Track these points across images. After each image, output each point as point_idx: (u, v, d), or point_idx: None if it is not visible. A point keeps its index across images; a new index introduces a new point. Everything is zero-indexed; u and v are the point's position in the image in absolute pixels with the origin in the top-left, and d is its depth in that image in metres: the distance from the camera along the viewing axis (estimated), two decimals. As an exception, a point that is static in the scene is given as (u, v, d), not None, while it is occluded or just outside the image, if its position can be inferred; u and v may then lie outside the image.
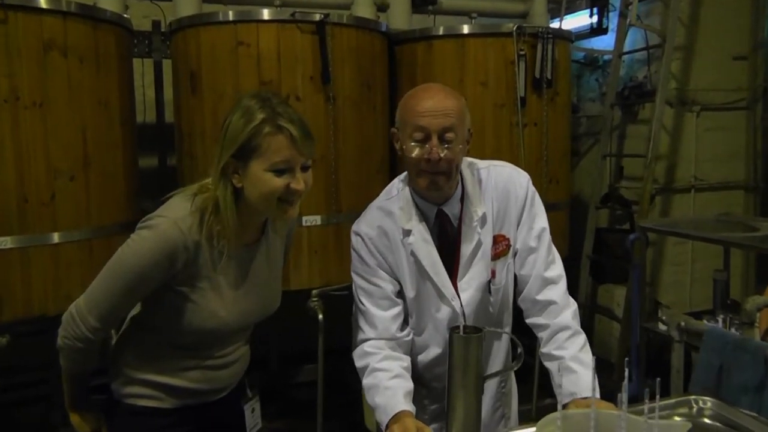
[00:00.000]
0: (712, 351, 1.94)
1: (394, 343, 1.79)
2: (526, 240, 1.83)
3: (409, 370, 1.78)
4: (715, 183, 4.38)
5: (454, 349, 1.40)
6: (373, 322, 1.79)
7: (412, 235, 1.76)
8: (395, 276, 1.81)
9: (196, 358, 1.67)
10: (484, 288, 1.82)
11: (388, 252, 1.80)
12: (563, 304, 1.81)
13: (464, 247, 1.78)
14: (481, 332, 1.40)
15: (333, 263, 3.17)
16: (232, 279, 1.64)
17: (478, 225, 1.77)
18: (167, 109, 3.80)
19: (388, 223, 1.79)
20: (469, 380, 1.40)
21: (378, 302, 1.80)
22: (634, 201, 4.36)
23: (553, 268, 1.83)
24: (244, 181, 1.53)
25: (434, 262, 1.77)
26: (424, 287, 1.80)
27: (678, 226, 3.45)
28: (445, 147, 1.66)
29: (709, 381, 1.94)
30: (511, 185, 1.83)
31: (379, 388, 1.69)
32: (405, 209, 1.78)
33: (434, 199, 1.77)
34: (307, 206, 3.04)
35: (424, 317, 1.83)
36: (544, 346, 1.81)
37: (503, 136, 3.55)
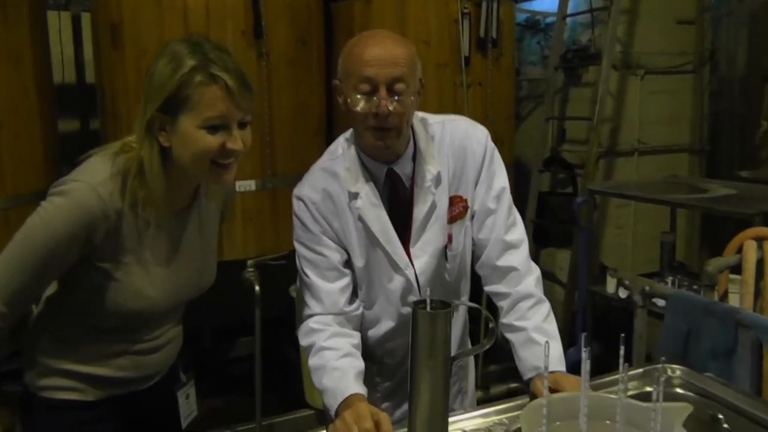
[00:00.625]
0: (679, 316, 1.86)
1: (342, 318, 1.63)
2: (484, 201, 1.68)
3: (359, 347, 1.63)
4: (658, 146, 4.36)
5: (419, 326, 1.24)
6: (318, 295, 1.63)
7: (360, 198, 1.60)
8: (342, 244, 1.65)
9: (122, 343, 1.48)
10: (440, 254, 1.67)
11: (333, 218, 1.63)
12: (525, 270, 1.68)
13: (417, 210, 1.63)
14: (449, 307, 1.25)
15: (269, 231, 2.98)
16: (160, 252, 1.44)
17: (432, 185, 1.62)
18: (88, 69, 3.51)
19: (333, 185, 1.62)
20: (436, 361, 1.24)
21: (324, 273, 1.64)
22: (577, 164, 4.31)
23: (514, 231, 1.70)
24: (173, 140, 1.33)
25: (384, 228, 1.62)
26: (374, 255, 1.64)
27: (626, 188, 3.39)
28: (395, 99, 1.50)
29: (676, 347, 1.86)
30: (468, 141, 1.67)
31: (327, 369, 1.54)
32: (351, 170, 1.61)
33: (383, 158, 1.61)
34: (241, 171, 2.72)
35: (375, 288, 1.68)
36: (504, 316, 1.68)
37: (446, 96, 3.41)
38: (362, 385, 1.53)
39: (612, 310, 3.70)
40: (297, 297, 1.70)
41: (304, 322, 1.65)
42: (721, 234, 3.65)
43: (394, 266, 1.64)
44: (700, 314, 1.81)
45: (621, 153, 4.35)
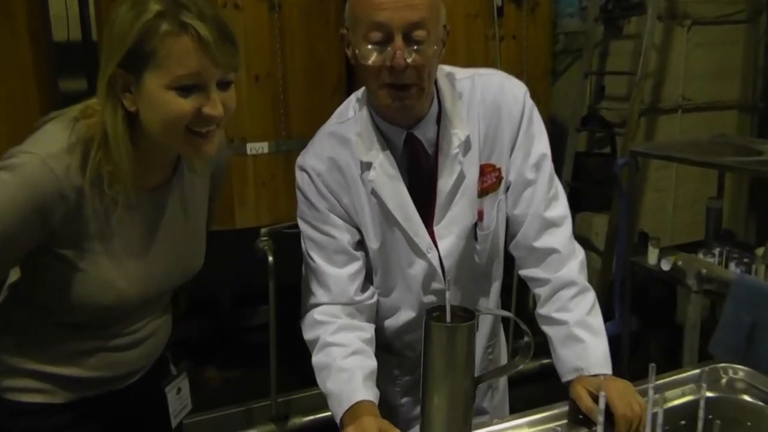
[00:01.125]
0: (743, 306, 1.59)
1: (352, 308, 1.41)
2: (521, 170, 1.43)
3: (371, 342, 1.41)
4: (703, 103, 4.03)
5: (434, 342, 1.00)
6: (326, 282, 1.40)
7: (374, 168, 1.36)
8: (353, 223, 1.41)
9: (95, 340, 1.26)
10: (469, 234, 1.43)
11: (342, 192, 1.39)
12: (568, 253, 1.43)
13: (442, 182, 1.38)
14: (473, 318, 1.00)
15: (283, 197, 2.74)
16: (133, 237, 1.21)
17: (460, 152, 1.37)
18: (93, 26, 3.25)
19: (343, 153, 1.38)
20: (455, 385, 1.01)
21: (332, 257, 1.40)
22: (616, 123, 4.01)
23: (555, 206, 1.44)
24: (139, 103, 1.09)
25: (403, 204, 1.38)
26: (391, 236, 1.40)
27: (671, 149, 3.08)
28: (414, 50, 1.24)
29: (737, 342, 1.59)
30: (503, 98, 1.41)
31: (332, 370, 1.32)
32: (364, 135, 1.37)
33: (402, 121, 1.36)
34: (253, 132, 2.63)
35: (393, 274, 1.44)
36: (542, 306, 1.45)
37: (477, 50, 3.11)
38: (372, 389, 1.31)
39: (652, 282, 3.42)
40: (302, 283, 1.45)
41: (308, 312, 1.43)
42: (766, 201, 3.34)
43: (415, 249, 1.41)
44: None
45: (663, 110, 4.03)
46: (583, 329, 1.38)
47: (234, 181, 2.63)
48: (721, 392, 1.48)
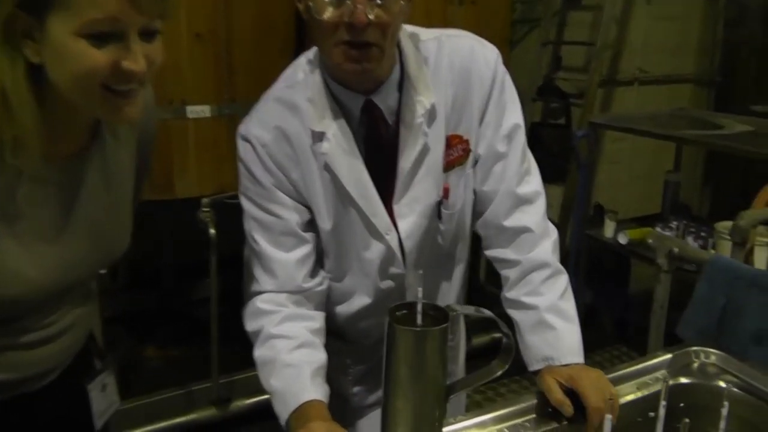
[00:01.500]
0: (716, 287, 1.49)
1: (300, 296, 1.26)
2: (492, 142, 1.28)
3: (321, 333, 1.26)
4: (661, 76, 3.96)
5: (399, 347, 0.85)
6: (271, 268, 1.24)
7: (327, 140, 1.19)
8: (303, 201, 1.25)
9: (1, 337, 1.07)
10: (432, 212, 1.28)
11: (291, 165, 1.22)
12: (541, 233, 1.30)
13: (404, 156, 1.23)
14: (446, 320, 0.85)
15: (227, 165, 2.49)
16: (45, 217, 1.00)
17: (424, 122, 1.21)
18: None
19: (291, 122, 1.21)
20: (425, 396, 0.86)
21: (278, 240, 1.24)
22: (573, 93, 3.92)
23: (529, 181, 1.31)
24: (44, 54, 0.88)
25: (360, 180, 1.22)
26: (345, 216, 1.24)
27: (631, 121, 2.98)
28: (377, 4, 1.08)
29: (708, 324, 1.49)
30: (474, 63, 1.25)
31: (276, 365, 1.17)
32: (316, 102, 1.20)
33: (360, 86, 1.19)
34: (193, 94, 2.42)
35: (347, 257, 1.29)
36: (510, 289, 1.31)
37: (435, 13, 2.95)
38: (322, 386, 1.17)
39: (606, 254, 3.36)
40: (244, 267, 1.28)
41: (250, 300, 1.27)
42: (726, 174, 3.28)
43: (372, 230, 1.25)
44: (745, 286, 1.43)
45: (620, 83, 3.96)
46: (555, 315, 1.26)
47: (173, 147, 2.43)
48: (695, 378, 1.39)
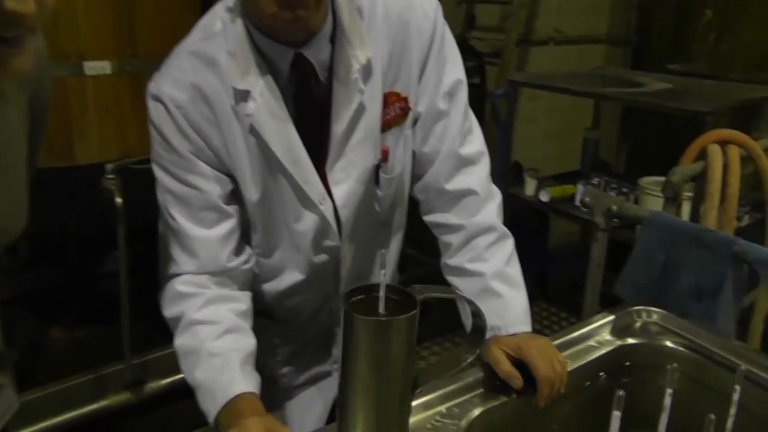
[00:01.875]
0: (654, 244, 1.43)
1: (224, 277, 1.11)
2: (433, 99, 1.15)
3: (248, 315, 1.12)
4: (575, 36, 3.91)
5: (359, 339, 0.72)
6: (190, 247, 1.09)
7: (252, 99, 1.03)
8: (225, 169, 1.09)
9: None
10: (370, 177, 1.15)
11: (211, 129, 1.06)
12: (485, 195, 1.20)
13: (338, 115, 1.08)
14: (414, 306, 0.72)
15: (131, 127, 2.31)
16: None
17: (359, 78, 1.07)
18: None
19: (210, 79, 1.05)
20: (389, 393, 0.74)
21: (198, 215, 1.09)
22: (487, 53, 3.80)
23: (471, 141, 1.19)
24: None
25: (290, 143, 1.07)
26: (274, 184, 1.10)
27: (552, 79, 2.92)
28: None
29: (647, 282, 1.44)
30: (412, 14, 1.11)
31: (201, 355, 1.03)
32: (238, 56, 1.03)
33: (290, 37, 1.03)
34: (91, 48, 2.16)
35: (277, 230, 1.15)
36: (452, 256, 1.21)
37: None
38: (253, 375, 1.04)
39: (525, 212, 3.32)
40: (159, 246, 1.11)
41: (168, 283, 1.11)
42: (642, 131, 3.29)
43: (304, 199, 1.11)
44: (685, 242, 1.38)
45: (535, 42, 3.85)
46: (501, 282, 1.17)
47: (71, 108, 2.17)
48: (639, 338, 1.33)
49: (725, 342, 1.28)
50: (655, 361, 1.31)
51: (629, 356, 1.32)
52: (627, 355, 1.32)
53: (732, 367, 1.22)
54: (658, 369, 1.32)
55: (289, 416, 1.35)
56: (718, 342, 1.28)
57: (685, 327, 1.33)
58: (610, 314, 1.38)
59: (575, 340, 1.31)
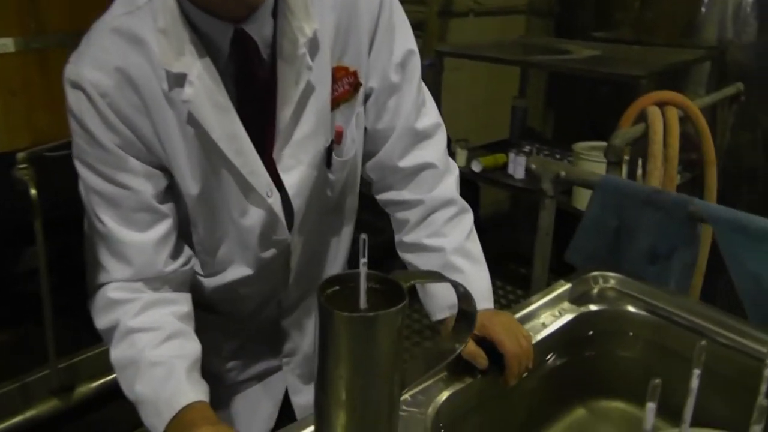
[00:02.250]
0: (607, 208, 1.39)
1: (161, 281, 0.99)
2: (385, 72, 1.05)
3: (190, 317, 1.01)
4: (494, 8, 3.87)
5: (339, 339, 0.61)
6: (123, 253, 0.96)
7: (189, 83, 0.90)
8: (159, 162, 0.96)
9: None
10: (321, 161, 1.04)
11: (141, 119, 0.93)
12: (444, 168, 1.12)
13: (285, 96, 0.96)
14: (402, 298, 0.62)
15: (42, 111, 2.10)
16: None
17: (306, 53, 0.95)
18: None
19: (137, 61, 0.91)
20: (378, 395, 0.64)
21: (130, 217, 0.96)
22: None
23: (426, 113, 1.11)
24: None
25: (233, 132, 0.95)
26: (215, 177, 0.97)
27: (479, 49, 2.86)
28: None
29: (599, 247, 1.40)
30: None
31: (141, 365, 0.91)
32: (170, 33, 0.90)
33: (228, 12, 0.90)
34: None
35: (220, 226, 1.03)
36: (409, 232, 1.13)
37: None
38: (200, 382, 0.93)
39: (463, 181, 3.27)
40: (86, 251, 0.98)
41: (98, 291, 0.98)
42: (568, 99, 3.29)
43: (250, 193, 0.99)
44: (638, 205, 1.34)
45: (455, 14, 3.77)
46: (462, 257, 1.10)
47: (-29, 92, 1.97)
48: (598, 305, 1.30)
49: (685, 303, 1.25)
50: (618, 327, 1.28)
51: (591, 324, 1.28)
52: (589, 324, 1.28)
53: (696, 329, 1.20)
54: (621, 335, 1.29)
55: (235, 415, 1.24)
56: (679, 303, 1.25)
57: (644, 290, 1.30)
58: (567, 282, 1.34)
59: (536, 311, 1.26)
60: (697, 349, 0.70)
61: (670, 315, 1.24)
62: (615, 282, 1.33)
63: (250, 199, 0.99)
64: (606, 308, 1.29)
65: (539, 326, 1.22)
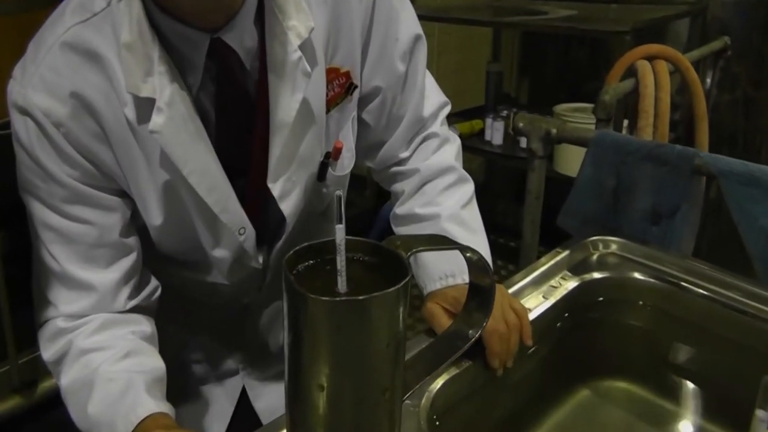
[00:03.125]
0: (603, 167, 1.25)
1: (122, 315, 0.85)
2: (392, 65, 0.91)
3: (154, 339, 0.87)
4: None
5: (316, 332, 0.45)
6: (79, 292, 0.82)
7: (158, 111, 0.73)
8: (119, 190, 0.82)
9: None
10: (314, 179, 0.91)
11: (101, 147, 0.77)
12: (444, 137, 1.00)
13: (279, 112, 0.80)
14: (404, 273, 0.46)
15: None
16: None
17: (302, 56, 0.78)
18: None
19: (94, 81, 0.74)
20: (370, 408, 0.48)
21: (89, 254, 0.80)
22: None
23: (429, 96, 0.99)
24: None
25: (205, 167, 0.79)
26: (183, 212, 0.83)
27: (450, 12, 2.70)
28: None
29: (596, 210, 1.26)
30: None
31: (95, 385, 0.75)
32: (135, 48, 0.72)
33: (204, 19, 0.73)
34: None
35: (188, 253, 0.91)
36: (402, 203, 1.00)
37: None
38: (165, 401, 0.78)
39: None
40: (33, 289, 0.81)
41: (46, 322, 0.84)
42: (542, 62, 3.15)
43: (221, 231, 0.85)
44: (639, 162, 1.20)
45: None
46: (457, 225, 0.96)
47: None
48: (602, 272, 1.16)
49: (695, 266, 1.12)
50: (623, 296, 1.15)
51: (594, 295, 1.14)
52: (591, 294, 1.14)
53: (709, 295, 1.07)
54: (626, 305, 1.16)
55: (190, 413, 1.10)
56: (688, 267, 1.12)
57: (649, 254, 1.16)
58: (564, 250, 1.20)
59: (533, 282, 1.12)
60: (763, 385, 0.56)
61: (679, 280, 1.11)
62: (616, 247, 1.20)
63: (221, 236, 0.86)
64: (609, 276, 1.15)
65: (536, 299, 1.08)
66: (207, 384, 1.10)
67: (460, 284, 0.92)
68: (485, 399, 0.97)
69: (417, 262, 0.97)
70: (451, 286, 0.93)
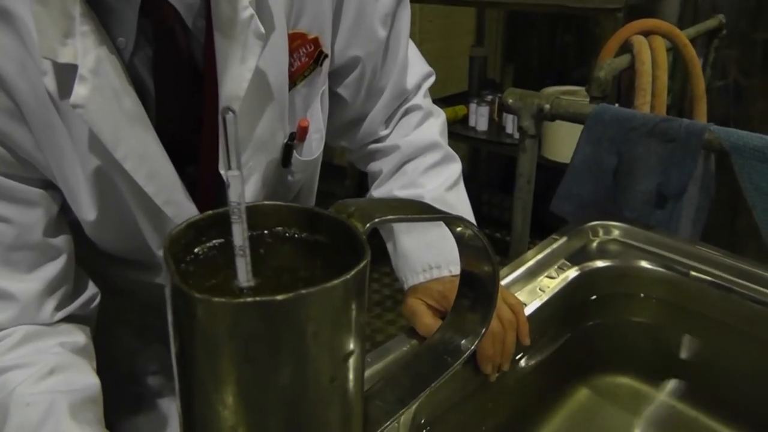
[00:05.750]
0: (603, 145, 1.11)
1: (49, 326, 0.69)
2: (371, 30, 0.77)
3: (88, 351, 0.70)
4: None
5: (209, 344, 0.26)
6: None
7: (82, 80, 0.57)
8: (42, 180, 0.66)
9: None
10: (277, 161, 0.75)
11: (15, 126, 0.61)
12: (427, 110, 0.86)
13: (228, 83, 0.63)
14: (364, 258, 0.27)
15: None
16: None
17: (255, 14, 0.62)
18: None
19: (3, 42, 0.57)
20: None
21: (7, 257, 0.65)
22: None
23: (413, 65, 0.86)
24: None
25: (143, 149, 0.63)
26: (120, 204, 0.68)
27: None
28: None
29: (594, 192, 1.13)
30: None
31: (10, 410, 0.60)
32: (51, 4, 0.55)
33: None
34: None
35: (129, 252, 0.77)
36: (381, 184, 0.86)
37: None
38: (94, 422, 0.63)
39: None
40: None
41: None
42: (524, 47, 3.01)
43: (166, 226, 0.70)
44: (644, 138, 1.06)
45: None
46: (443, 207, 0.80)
47: None
48: (605, 260, 1.02)
49: (706, 254, 0.98)
50: (626, 287, 1.01)
51: (595, 285, 1.01)
52: (593, 285, 1.00)
53: (723, 285, 0.94)
54: (630, 297, 1.02)
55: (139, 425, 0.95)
56: (699, 255, 0.98)
57: (655, 240, 1.03)
58: (560, 236, 1.06)
59: (525, 275, 0.97)
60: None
61: (689, 269, 0.98)
62: (619, 233, 1.06)
63: (167, 232, 0.70)
64: (612, 264, 1.01)
65: (531, 293, 0.94)
66: (164, 397, 0.94)
67: (447, 277, 0.78)
68: (477, 406, 0.83)
69: (396, 250, 0.82)
70: (437, 279, 0.79)
